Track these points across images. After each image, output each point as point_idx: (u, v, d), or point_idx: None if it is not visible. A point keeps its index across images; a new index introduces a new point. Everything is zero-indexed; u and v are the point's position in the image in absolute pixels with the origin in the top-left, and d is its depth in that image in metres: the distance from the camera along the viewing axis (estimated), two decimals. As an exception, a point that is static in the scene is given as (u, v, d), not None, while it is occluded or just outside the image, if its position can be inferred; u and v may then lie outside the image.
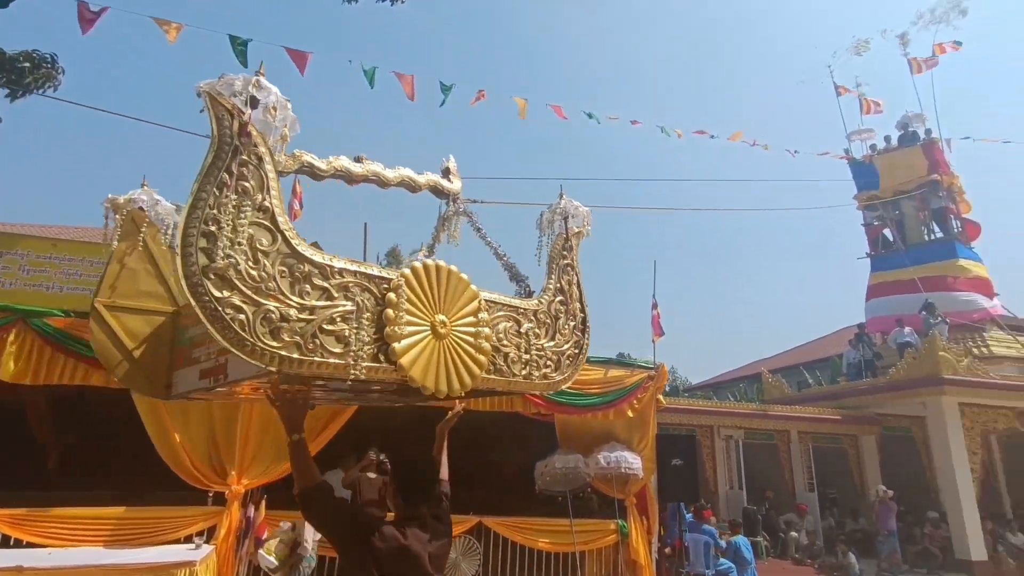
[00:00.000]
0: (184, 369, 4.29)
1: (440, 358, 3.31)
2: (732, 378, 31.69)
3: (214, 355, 3.68)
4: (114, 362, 4.46)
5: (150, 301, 4.78)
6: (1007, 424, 12.30)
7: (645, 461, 6.91)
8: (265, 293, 2.84)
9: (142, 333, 4.63)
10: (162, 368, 4.49)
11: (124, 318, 4.70)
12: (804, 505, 12.39)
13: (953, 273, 14.37)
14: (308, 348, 2.89)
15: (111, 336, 4.59)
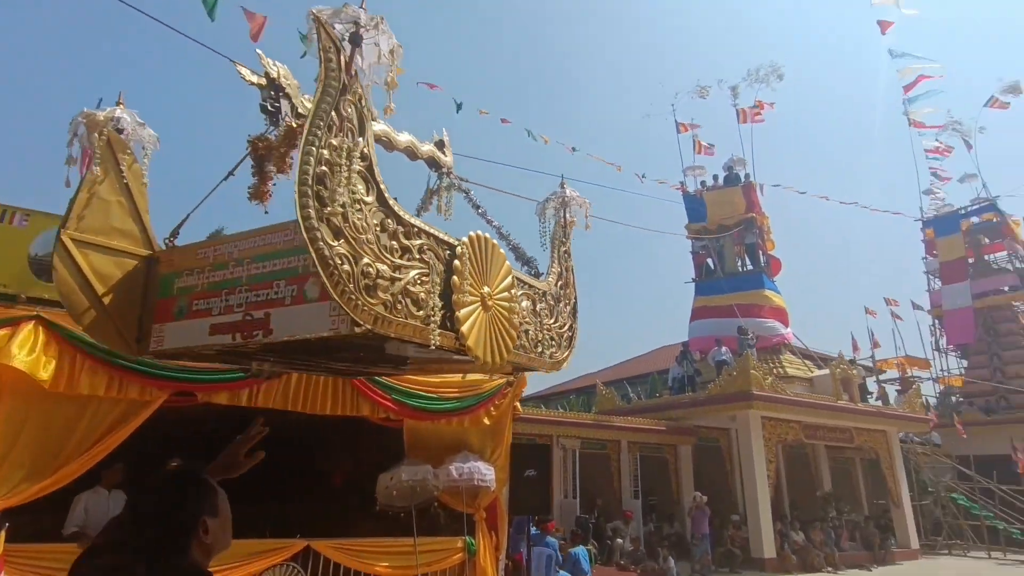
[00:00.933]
0: (175, 323, 4.04)
1: (488, 330, 3.39)
2: (562, 390, 33.10)
3: (244, 308, 3.56)
4: (80, 308, 4.00)
5: (122, 240, 4.35)
6: (795, 436, 14.08)
7: (498, 471, 6.49)
8: (364, 246, 2.81)
9: (112, 276, 4.21)
10: (132, 319, 4.19)
11: (92, 256, 4.19)
12: (630, 512, 12.95)
13: (760, 302, 16.27)
14: (395, 308, 2.89)
15: (78, 276, 4.09)
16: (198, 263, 4.48)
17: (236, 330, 3.90)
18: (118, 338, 4.31)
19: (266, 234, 4.28)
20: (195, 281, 4.34)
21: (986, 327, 23.08)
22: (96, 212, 4.37)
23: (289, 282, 4.06)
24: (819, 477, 16.44)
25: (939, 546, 16.95)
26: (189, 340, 4.18)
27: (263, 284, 4.15)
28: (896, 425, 16.00)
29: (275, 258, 4.22)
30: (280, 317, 3.57)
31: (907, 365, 24.04)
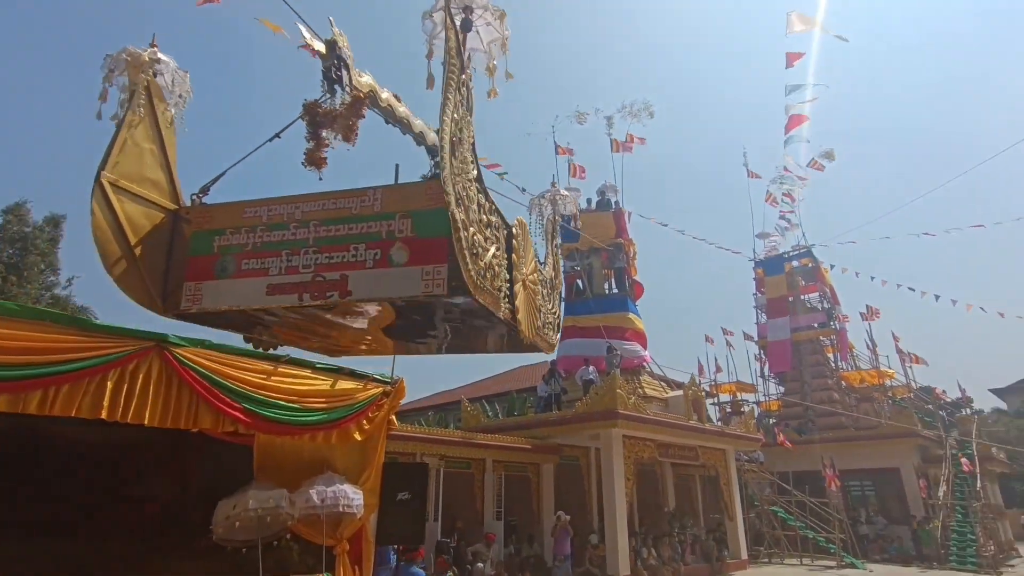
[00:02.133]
0: (217, 282, 4.62)
1: (526, 307, 4.09)
2: (419, 407, 32.04)
3: (314, 269, 4.33)
4: (113, 257, 4.39)
5: (152, 191, 4.81)
6: (650, 454, 14.60)
7: (368, 495, 5.58)
8: (472, 216, 3.60)
9: (142, 228, 4.64)
10: (159, 276, 4.60)
11: (127, 204, 4.57)
12: (493, 535, 12.43)
13: (624, 324, 16.88)
14: (486, 278, 3.66)
15: (113, 223, 4.41)
16: (246, 222, 4.72)
17: (304, 290, 4.25)
18: (145, 294, 4.45)
19: (337, 198, 4.60)
20: (243, 240, 4.56)
21: (799, 358, 26.26)
22: (131, 158, 4.52)
23: (370, 246, 4.39)
24: (665, 494, 17.26)
25: (761, 555, 18.58)
26: (238, 300, 4.45)
27: (337, 247, 4.47)
28: (734, 444, 17.35)
29: (351, 222, 4.52)
30: (359, 279, 4.07)
31: (738, 390, 26.60)
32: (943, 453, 21.54)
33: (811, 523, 18.60)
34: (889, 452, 21.55)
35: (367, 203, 4.96)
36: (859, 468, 21.86)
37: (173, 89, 5.16)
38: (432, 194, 4.65)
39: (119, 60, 4.90)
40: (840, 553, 17.52)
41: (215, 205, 5.31)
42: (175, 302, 4.94)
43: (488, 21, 4.80)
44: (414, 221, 4.85)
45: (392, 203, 5.00)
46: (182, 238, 4.93)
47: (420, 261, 4.55)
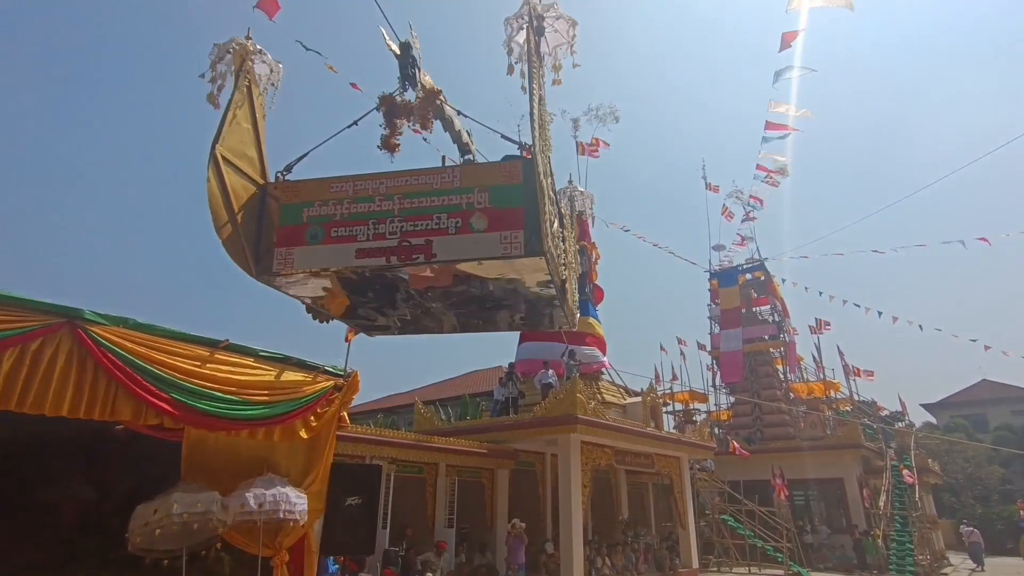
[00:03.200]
0: (308, 247, 5.33)
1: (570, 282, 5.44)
2: (368, 410, 31.09)
3: (400, 236, 5.13)
4: (222, 221, 5.03)
5: (249, 167, 5.59)
6: (607, 461, 14.34)
7: (312, 500, 5.02)
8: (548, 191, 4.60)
9: (241, 198, 5.39)
10: (251, 242, 5.28)
11: (231, 175, 5.33)
12: (444, 543, 11.88)
13: (585, 329, 16.63)
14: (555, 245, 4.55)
15: (223, 191, 5.17)
16: (333, 195, 5.47)
17: (391, 254, 4.98)
18: (242, 258, 5.10)
19: (419, 175, 5.49)
20: (331, 211, 5.30)
21: (750, 369, 26.72)
22: (234, 134, 5.36)
23: (451, 216, 5.14)
24: (619, 502, 17.08)
25: (711, 564, 18.63)
26: (328, 262, 5.14)
27: (421, 216, 5.20)
28: (688, 452, 17.31)
29: (433, 195, 5.30)
30: (443, 244, 4.79)
31: (691, 399, 26.83)
32: (884, 464, 22.22)
33: (759, 532, 18.77)
34: (834, 463, 22.08)
35: (447, 179, 5.79)
36: (805, 478, 22.32)
37: (271, 77, 6.14)
38: (509, 172, 5.60)
39: (227, 48, 5.79)
40: (787, 562, 17.72)
41: (301, 181, 5.99)
42: (266, 266, 5.54)
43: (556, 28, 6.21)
44: (491, 194, 5.62)
45: (470, 179, 5.80)
46: (268, 210, 5.61)
47: (498, 228, 5.43)
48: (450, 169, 6.21)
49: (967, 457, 36.22)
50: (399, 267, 5.53)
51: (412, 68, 6.77)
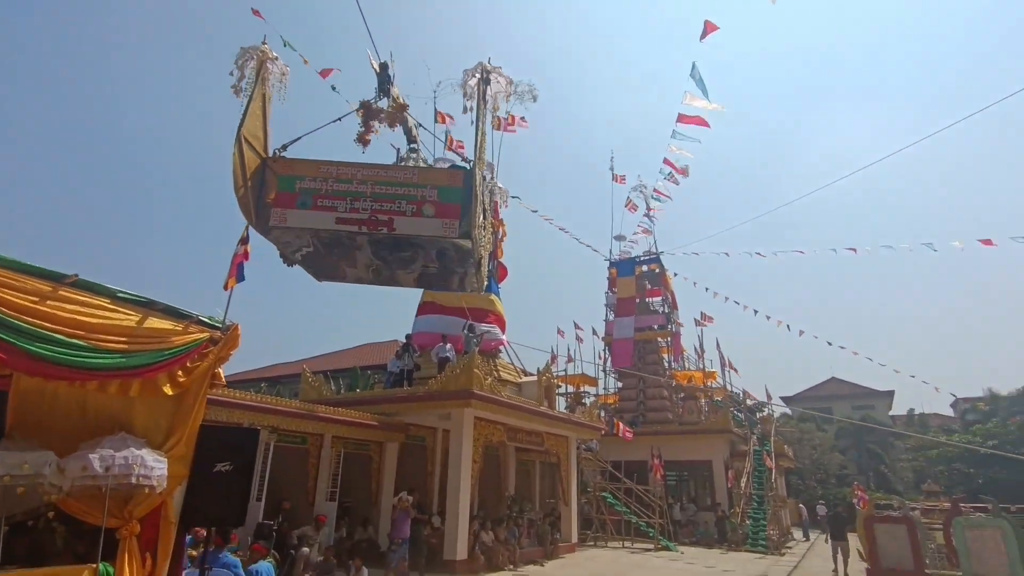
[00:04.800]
0: (299, 211, 8.08)
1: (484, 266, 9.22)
2: (250, 378, 29.29)
3: (371, 212, 8.07)
4: (239, 185, 7.71)
5: (257, 144, 8.06)
6: (499, 437, 14.37)
7: (174, 465, 4.42)
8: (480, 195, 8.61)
9: (250, 168, 7.88)
10: (255, 202, 7.93)
11: (247, 151, 7.82)
12: (324, 516, 11.32)
13: (487, 306, 16.48)
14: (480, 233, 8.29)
15: (240, 163, 7.66)
16: (321, 174, 8.27)
17: (363, 224, 8.02)
18: (249, 212, 7.81)
19: (389, 170, 8.59)
20: (318, 186, 8.18)
21: (639, 356, 28.00)
22: (251, 120, 7.95)
23: (409, 203, 8.12)
24: (507, 478, 17.25)
25: (588, 539, 19.41)
26: (313, 224, 8.08)
27: (387, 200, 8.20)
28: (577, 432, 17.81)
29: (397, 186, 8.29)
30: (401, 222, 7.95)
31: (582, 382, 27.68)
32: (747, 449, 24.23)
33: (635, 509, 19.79)
34: (706, 446, 23.76)
35: (408, 176, 8.51)
36: (679, 460, 23.84)
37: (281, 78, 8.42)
38: (453, 177, 8.55)
39: (252, 53, 8.18)
40: (657, 536, 18.84)
41: (296, 159, 8.30)
42: (265, 220, 7.88)
43: (498, 80, 9.92)
44: (439, 192, 8.35)
45: (425, 178, 8.54)
46: (267, 179, 7.93)
47: (442, 216, 8.19)
48: (412, 169, 8.97)
49: (814, 445, 40.52)
50: (366, 234, 8.15)
51: (388, 84, 9.42)
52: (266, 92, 8.26)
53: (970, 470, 31.82)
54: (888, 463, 41.85)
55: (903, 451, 42.09)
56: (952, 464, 33.56)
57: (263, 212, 7.91)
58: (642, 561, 15.45)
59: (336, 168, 8.30)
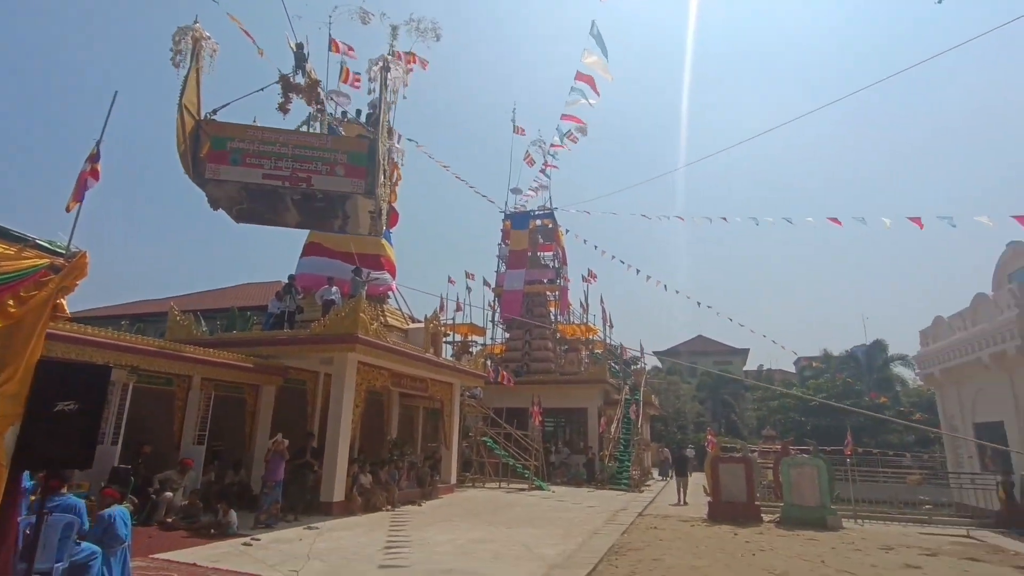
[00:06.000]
0: (231, 167, 10.30)
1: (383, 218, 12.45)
2: (112, 314, 26.74)
3: (292, 171, 10.47)
4: (181, 142, 9.83)
5: (193, 108, 10.01)
6: (383, 382, 14.35)
7: (6, 403, 3.98)
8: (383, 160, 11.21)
9: (188, 129, 9.93)
10: (192, 158, 10.07)
11: (187, 117, 9.85)
12: (190, 460, 10.81)
13: (377, 251, 16.08)
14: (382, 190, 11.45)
15: (182, 127, 9.80)
16: (249, 137, 10.45)
17: (286, 180, 10.35)
18: (186, 163, 9.88)
19: (307, 136, 11.08)
20: (247, 147, 10.32)
21: (527, 308, 28.85)
22: (189, 90, 9.87)
23: (324, 164, 10.62)
24: (389, 423, 17.36)
25: (467, 480, 20.18)
26: (244, 178, 10.23)
27: (306, 161, 10.56)
28: (462, 379, 18.20)
29: (314, 150, 10.70)
30: (318, 179, 10.39)
31: (470, 331, 28.12)
32: (619, 398, 26.12)
33: (513, 453, 20.81)
34: (583, 395, 25.30)
35: (324, 143, 10.92)
36: (558, 407, 25.24)
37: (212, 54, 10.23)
38: (360, 144, 11.09)
39: (188, 30, 10.04)
40: (531, 477, 20.01)
41: (228, 123, 10.51)
42: (200, 173, 10.07)
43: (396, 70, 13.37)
44: (349, 156, 10.76)
45: (337, 145, 11.05)
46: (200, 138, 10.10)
47: (351, 176, 10.60)
48: (327, 136, 11.56)
49: (678, 395, 44.50)
50: (288, 188, 10.44)
51: (303, 62, 11.54)
52: (200, 66, 10.09)
53: (802, 418, 36.64)
54: (738, 412, 47.06)
55: (751, 402, 47.45)
56: (788, 413, 38.43)
57: (199, 166, 10.00)
58: (516, 500, 16.39)
59: (263, 132, 10.50)
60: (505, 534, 10.38)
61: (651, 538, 10.77)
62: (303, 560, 7.62)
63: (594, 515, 13.54)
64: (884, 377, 41.24)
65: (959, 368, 16.48)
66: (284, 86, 11.46)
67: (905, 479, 17.04)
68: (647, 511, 15.06)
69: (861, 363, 43.11)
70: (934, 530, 13.06)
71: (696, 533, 11.59)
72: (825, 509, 13.13)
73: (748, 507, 13.82)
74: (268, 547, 8.47)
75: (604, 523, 12.27)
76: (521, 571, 7.43)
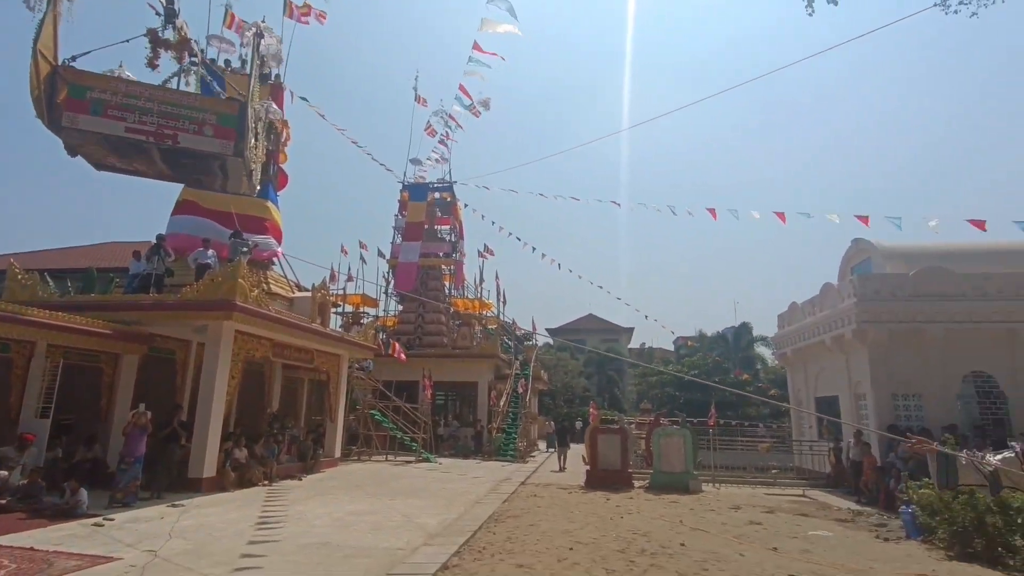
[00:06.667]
0: (91, 117, 10.10)
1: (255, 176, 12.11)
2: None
3: (157, 126, 10.49)
4: (34, 86, 9.61)
5: (49, 54, 9.77)
6: (263, 353, 13.63)
7: None
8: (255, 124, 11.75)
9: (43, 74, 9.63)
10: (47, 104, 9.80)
11: (41, 61, 9.52)
12: (31, 435, 9.69)
13: (262, 214, 15.12)
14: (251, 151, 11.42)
15: (35, 72, 9.48)
16: (111, 88, 10.32)
17: (150, 135, 10.29)
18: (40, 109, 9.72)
19: (175, 94, 11.11)
20: (109, 98, 10.13)
21: (422, 281, 28.58)
22: (45, 34, 9.51)
23: (192, 123, 10.62)
24: (270, 395, 16.58)
25: (353, 454, 19.85)
26: (104, 129, 10.05)
27: (172, 118, 10.52)
28: (350, 351, 17.73)
29: (182, 108, 10.71)
30: (184, 137, 10.35)
31: (362, 302, 27.40)
32: (510, 373, 26.74)
33: (402, 426, 20.70)
34: (474, 369, 25.61)
35: (192, 101, 11.01)
36: (450, 381, 25.40)
37: None
38: (230, 106, 11.25)
39: None
40: (419, 450, 20.06)
41: (87, 72, 10.47)
42: (56, 120, 10.03)
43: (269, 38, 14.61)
44: (218, 117, 10.91)
45: (207, 105, 11.13)
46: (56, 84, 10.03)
47: (219, 137, 10.80)
48: (196, 95, 11.55)
49: (567, 371, 46.35)
50: (153, 144, 10.34)
51: (173, 18, 11.48)
52: (57, 12, 9.76)
53: (676, 393, 39.59)
54: (620, 387, 49.93)
55: (633, 377, 50.47)
56: (665, 388, 41.35)
57: (55, 113, 9.84)
58: (401, 472, 16.36)
59: (126, 85, 10.37)
60: (387, 506, 10.36)
61: (530, 505, 11.22)
62: (163, 539, 7.14)
63: (479, 485, 13.86)
64: (748, 356, 45.50)
65: (807, 349, 18.51)
66: (152, 41, 11.44)
67: (757, 447, 19.01)
68: (530, 480, 15.65)
69: (730, 343, 47.21)
70: (777, 491, 14.73)
71: (572, 499, 12.23)
72: (688, 475, 14.36)
73: (622, 474, 14.79)
74: (123, 527, 7.84)
75: (487, 493, 12.60)
76: (400, 541, 7.46)
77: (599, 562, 6.70)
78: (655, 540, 8.03)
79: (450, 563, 6.42)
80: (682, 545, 7.75)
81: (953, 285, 14.71)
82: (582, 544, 7.68)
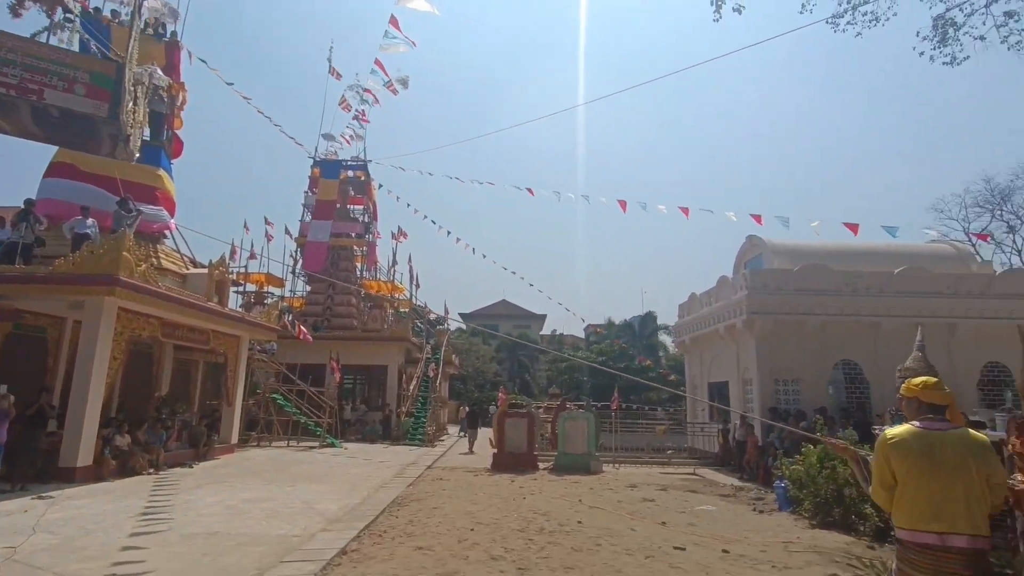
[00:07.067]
0: None
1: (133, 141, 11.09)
2: None
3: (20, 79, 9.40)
4: None
5: None
6: (151, 332, 12.67)
7: None
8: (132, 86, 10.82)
9: None
10: None
11: None
12: None
13: (153, 182, 13.96)
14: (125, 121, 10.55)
15: None
16: None
17: (12, 88, 9.14)
18: None
19: (43, 47, 10.05)
20: None
21: (332, 262, 27.63)
22: None
23: (61, 79, 9.61)
24: (159, 378, 15.49)
25: (252, 439, 18.97)
26: None
27: (38, 72, 9.47)
28: (251, 332, 16.86)
29: (50, 63, 9.59)
30: (51, 94, 9.28)
31: (267, 281, 26.11)
32: (421, 357, 26.52)
33: (306, 410, 20.02)
34: (384, 353, 25.18)
35: (62, 56, 10.15)
36: (358, 364, 24.81)
37: None
38: (105, 66, 10.57)
39: None
40: (323, 435, 19.50)
41: None
42: None
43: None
44: (91, 75, 10.15)
45: (79, 62, 10.29)
46: None
47: (92, 97, 10.06)
48: (66, 51, 10.54)
49: (479, 356, 46.62)
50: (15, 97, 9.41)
51: None
52: None
53: (584, 378, 40.97)
54: (531, 372, 50.92)
55: (543, 363, 51.61)
56: (574, 374, 42.66)
57: None
58: (303, 457, 15.85)
59: None
60: (285, 492, 10.01)
61: (435, 488, 11.25)
62: (26, 534, 6.51)
63: (384, 470, 13.70)
64: (652, 343, 47.79)
65: (703, 337, 19.73)
66: None
67: (655, 429, 20.09)
68: (437, 464, 15.67)
69: (635, 331, 49.37)
70: (671, 470, 15.67)
71: (478, 482, 12.39)
72: (590, 456, 14.95)
73: (528, 456, 15.15)
74: (-22, 522, 7.07)
75: (392, 477, 12.49)
76: (297, 528, 7.24)
77: (499, 541, 6.84)
78: (554, 519, 8.31)
79: (348, 548, 6.32)
80: (579, 523, 8.08)
81: (831, 281, 16.17)
82: (483, 524, 7.81)
